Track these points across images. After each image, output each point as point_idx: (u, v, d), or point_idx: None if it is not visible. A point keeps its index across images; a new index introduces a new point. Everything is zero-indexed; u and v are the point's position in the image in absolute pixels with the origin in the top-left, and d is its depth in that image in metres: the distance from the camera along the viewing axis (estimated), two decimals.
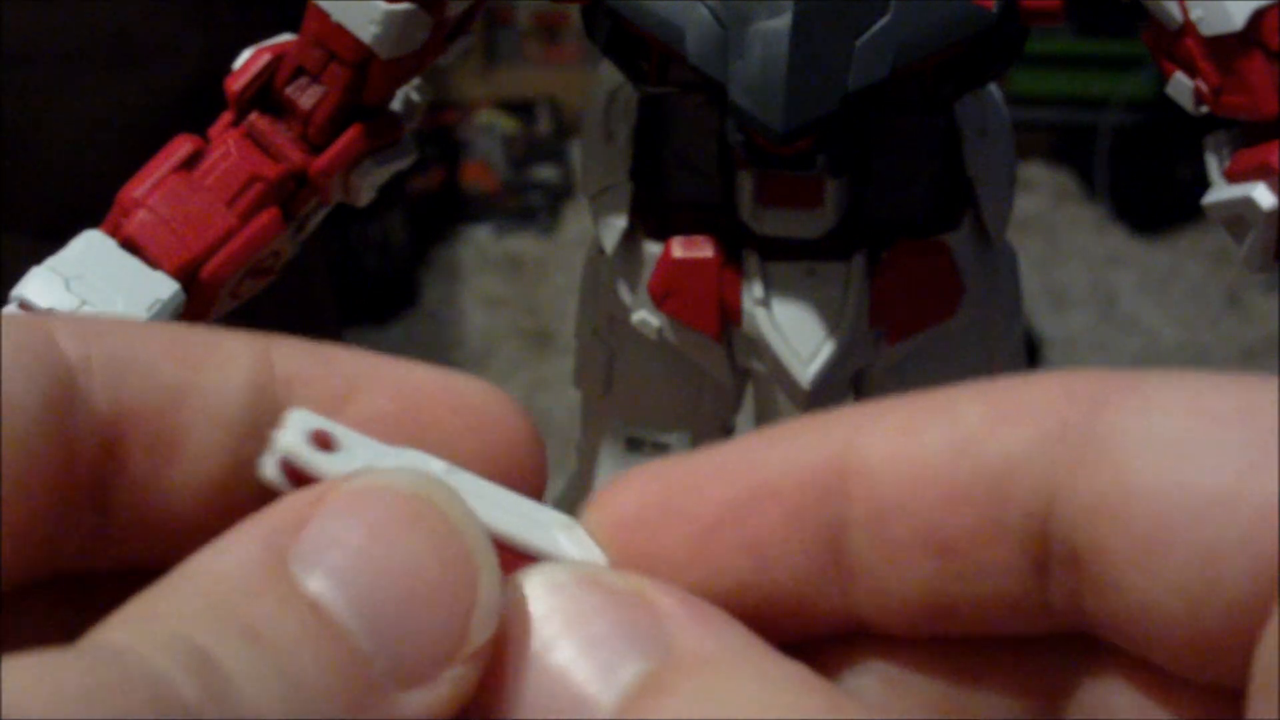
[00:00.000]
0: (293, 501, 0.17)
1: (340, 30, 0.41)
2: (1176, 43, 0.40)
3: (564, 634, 0.17)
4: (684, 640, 0.17)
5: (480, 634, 0.17)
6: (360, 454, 0.19)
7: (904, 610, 0.18)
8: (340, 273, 1.44)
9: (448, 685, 0.17)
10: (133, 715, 0.14)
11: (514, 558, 0.18)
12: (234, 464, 0.19)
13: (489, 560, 0.17)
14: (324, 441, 0.18)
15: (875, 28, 0.39)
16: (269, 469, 0.18)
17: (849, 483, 0.18)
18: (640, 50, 0.43)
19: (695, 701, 0.17)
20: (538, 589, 0.18)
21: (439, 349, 1.56)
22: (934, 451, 0.18)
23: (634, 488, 0.20)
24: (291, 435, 0.18)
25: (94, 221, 0.42)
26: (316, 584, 0.16)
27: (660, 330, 0.46)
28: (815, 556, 0.19)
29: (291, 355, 0.20)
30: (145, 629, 0.15)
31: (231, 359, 0.19)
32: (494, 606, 0.17)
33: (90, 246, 0.42)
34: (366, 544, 0.17)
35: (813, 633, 0.19)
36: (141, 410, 0.18)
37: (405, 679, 0.17)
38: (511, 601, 0.18)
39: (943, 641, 0.19)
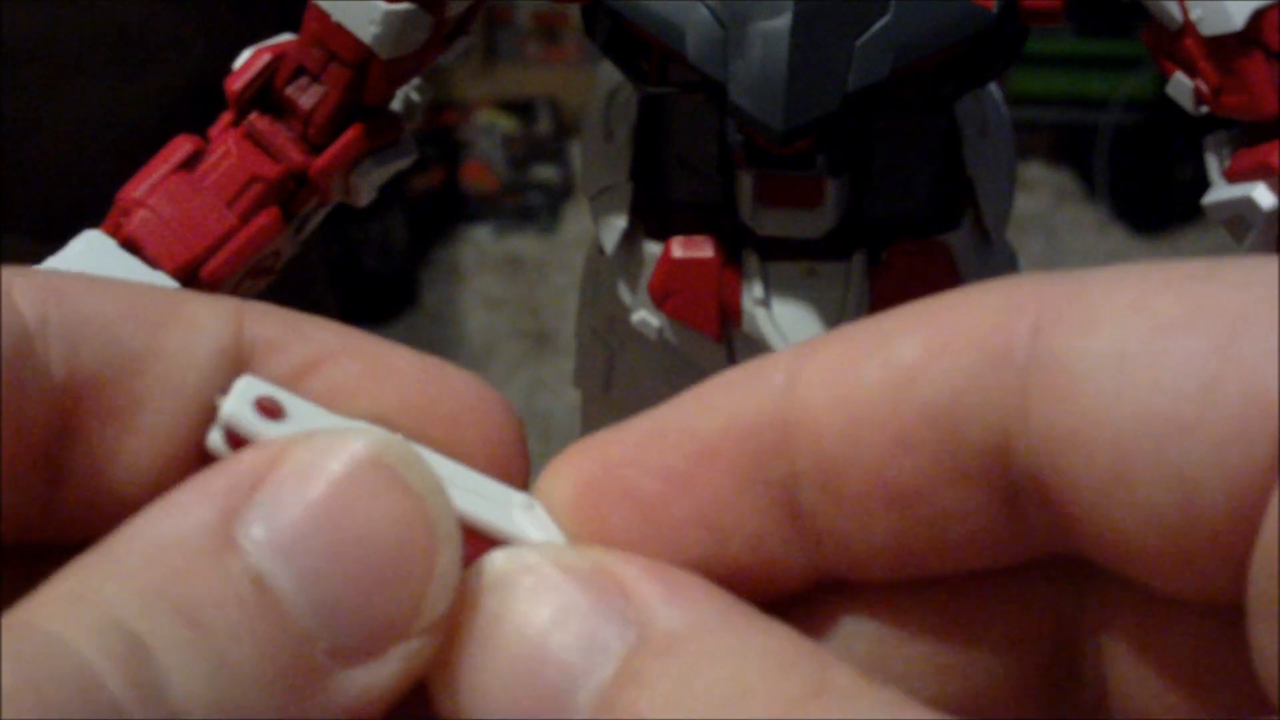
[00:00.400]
0: (245, 462, 0.16)
1: (340, 30, 0.41)
2: (1176, 43, 0.40)
3: (539, 621, 0.16)
4: (656, 618, 0.16)
5: (435, 607, 0.16)
6: (309, 425, 0.17)
7: (874, 561, 0.17)
8: (340, 273, 1.44)
9: (397, 661, 0.16)
10: (56, 715, 0.13)
11: (473, 538, 0.18)
12: (196, 436, 0.18)
13: (449, 529, 0.17)
14: (271, 410, 0.17)
15: (875, 28, 0.39)
16: (214, 439, 0.17)
17: (792, 435, 0.17)
18: (640, 50, 0.43)
19: (671, 693, 0.16)
20: (506, 571, 0.17)
21: (439, 349, 1.56)
22: (873, 393, 0.17)
23: (573, 467, 0.18)
24: (236, 402, 0.17)
25: (94, 221, 0.42)
26: (262, 557, 0.16)
27: (660, 330, 0.46)
28: (771, 518, 0.17)
29: (263, 321, 0.18)
30: (76, 611, 0.15)
31: (197, 323, 0.18)
32: (452, 579, 0.16)
33: (90, 246, 0.42)
34: (318, 512, 0.16)
35: (787, 592, 0.18)
36: (98, 376, 0.17)
37: (350, 656, 0.16)
38: (478, 585, 0.17)
39: (929, 583, 0.18)
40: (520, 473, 0.19)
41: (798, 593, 0.18)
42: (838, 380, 0.17)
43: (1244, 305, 0.15)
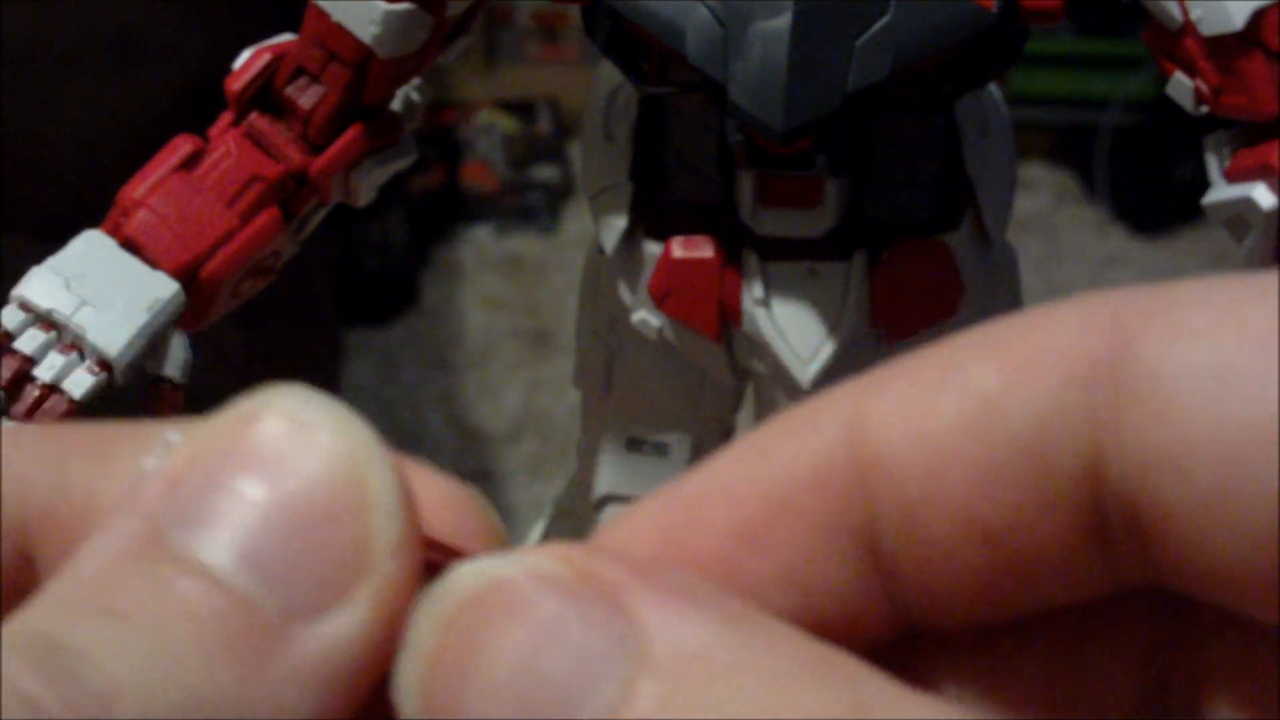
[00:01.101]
0: (163, 466, 0.16)
1: (340, 30, 0.41)
2: (1176, 43, 0.40)
3: (519, 635, 0.15)
4: (658, 635, 0.15)
5: (385, 536, 0.15)
6: None
7: (961, 604, 0.16)
8: (340, 273, 1.44)
9: (364, 603, 0.15)
10: None
11: (434, 548, 0.16)
12: None
13: (375, 456, 0.16)
14: None
15: (875, 28, 0.39)
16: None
17: (868, 477, 0.16)
18: (640, 50, 0.43)
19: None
20: (462, 594, 0.15)
21: (439, 349, 1.56)
22: (953, 426, 0.16)
23: (635, 529, 0.17)
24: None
25: (94, 221, 0.42)
26: (188, 541, 0.15)
27: (660, 330, 0.46)
28: (854, 568, 0.16)
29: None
30: (3, 635, 0.14)
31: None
32: (394, 502, 0.15)
33: (90, 246, 0.42)
34: (238, 481, 0.15)
35: (873, 645, 0.17)
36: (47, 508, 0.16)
37: (306, 610, 0.15)
38: (446, 606, 0.15)
39: (1018, 626, 0.17)
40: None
41: (884, 644, 0.17)
42: (912, 415, 0.16)
43: None
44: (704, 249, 0.45)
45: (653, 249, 0.45)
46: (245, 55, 0.44)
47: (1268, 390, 0.14)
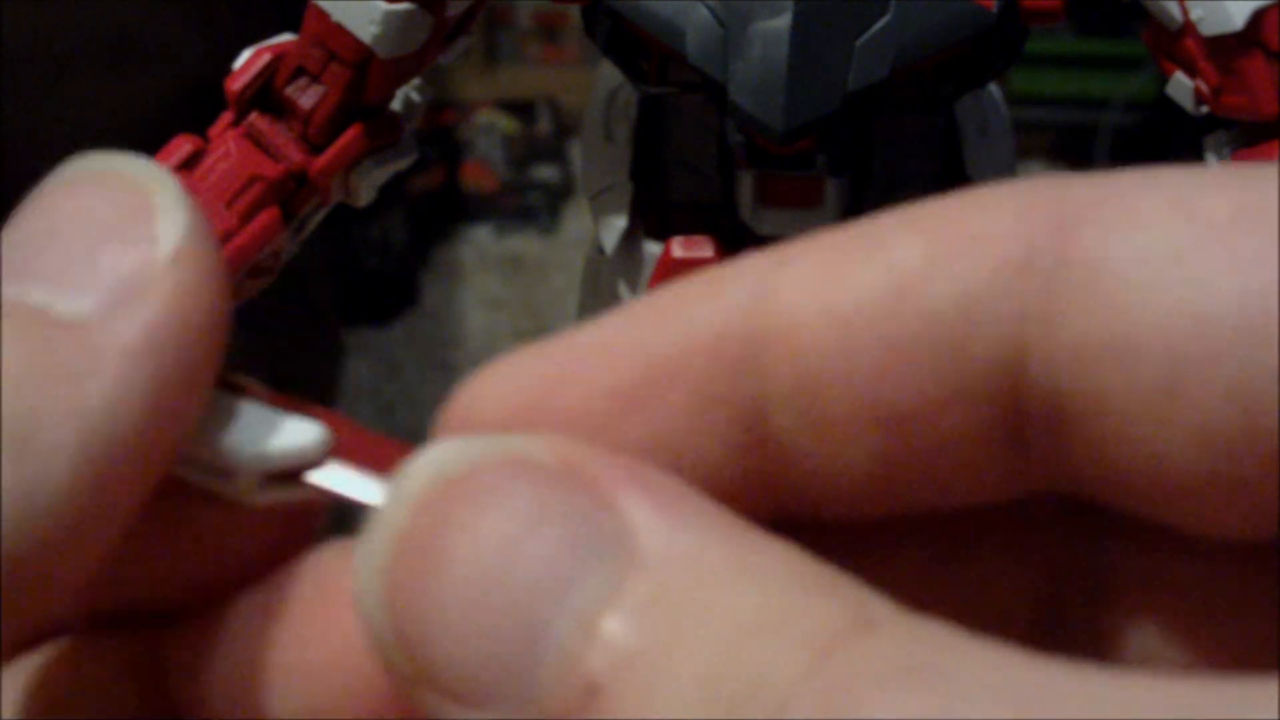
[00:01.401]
0: None
1: (340, 30, 0.41)
2: (1176, 43, 0.40)
3: (489, 533, 0.14)
4: (646, 534, 0.14)
5: (169, 236, 0.15)
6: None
7: (851, 494, 0.15)
8: (340, 273, 1.44)
9: (159, 299, 0.15)
10: None
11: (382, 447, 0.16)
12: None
13: (158, 171, 0.16)
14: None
15: (875, 28, 0.39)
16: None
17: (766, 349, 0.15)
18: (640, 50, 0.43)
19: (675, 623, 0.13)
20: (439, 474, 0.14)
21: (439, 349, 1.56)
22: (868, 301, 0.15)
23: (504, 384, 0.16)
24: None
25: None
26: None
27: None
28: (735, 444, 0.15)
29: None
30: None
31: None
32: (176, 207, 0.15)
33: None
34: (32, 219, 0.16)
35: None
36: None
37: (100, 311, 0.15)
38: (409, 493, 0.14)
39: (907, 521, 0.16)
40: None
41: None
42: (825, 287, 0.15)
43: None
44: (704, 249, 0.45)
45: (653, 249, 0.45)
46: (245, 55, 0.44)
47: (1221, 275, 0.13)
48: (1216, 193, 0.14)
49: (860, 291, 0.15)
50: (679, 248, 0.45)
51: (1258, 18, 0.38)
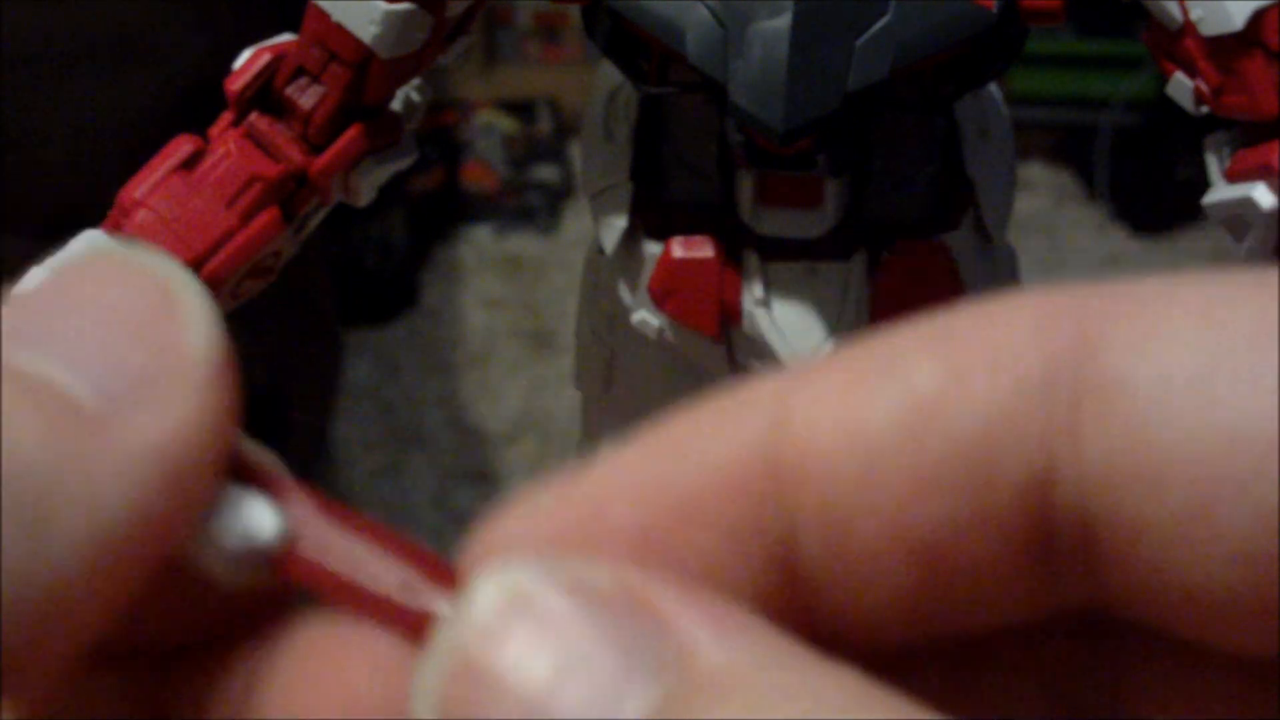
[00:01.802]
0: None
1: (340, 30, 0.41)
2: (1176, 43, 0.40)
3: (543, 660, 0.14)
4: (701, 652, 0.13)
5: (196, 344, 0.15)
6: None
7: (882, 621, 0.15)
8: (340, 273, 1.44)
9: (179, 404, 0.15)
10: None
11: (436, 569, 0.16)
12: None
13: (187, 280, 0.16)
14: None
15: (875, 28, 0.39)
16: None
17: (789, 480, 0.15)
18: (640, 50, 0.43)
19: None
20: (494, 599, 0.14)
21: (439, 349, 1.56)
22: (888, 427, 0.14)
23: (527, 525, 0.15)
24: None
25: (94, 221, 0.42)
26: (19, 354, 0.15)
27: (660, 330, 0.46)
28: (766, 579, 0.15)
29: None
30: None
31: None
32: (201, 317, 0.15)
33: (90, 246, 0.42)
34: (51, 294, 0.15)
35: None
36: None
37: (122, 404, 0.15)
38: (468, 615, 0.14)
39: (935, 646, 0.15)
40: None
41: None
42: (843, 413, 0.14)
43: None
44: (704, 249, 0.45)
45: (653, 249, 0.45)
46: (245, 55, 0.44)
47: (1249, 394, 0.13)
48: (1240, 306, 0.14)
49: (880, 416, 0.14)
50: (679, 248, 0.45)
51: (1258, 18, 0.38)
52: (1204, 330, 0.14)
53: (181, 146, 0.43)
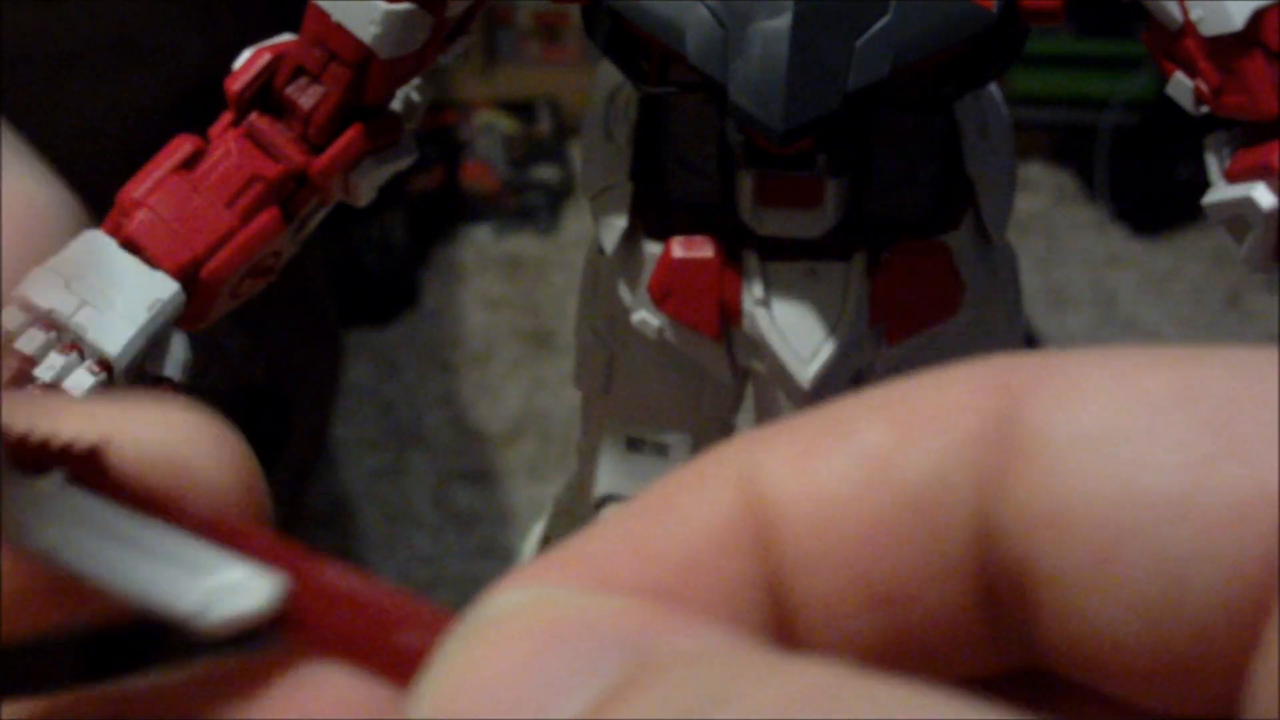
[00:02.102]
0: None
1: (340, 30, 0.41)
2: (1176, 43, 0.40)
3: (510, 653, 0.14)
4: (665, 640, 0.14)
5: None
6: None
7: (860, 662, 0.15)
8: (340, 273, 1.44)
9: None
10: None
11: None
12: None
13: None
14: None
15: (875, 28, 0.39)
16: None
17: (766, 534, 0.15)
18: (640, 50, 0.43)
19: (680, 691, 0.13)
20: (480, 614, 0.15)
21: (439, 349, 1.56)
22: (842, 482, 0.15)
23: (534, 614, 0.16)
24: None
25: (94, 221, 0.42)
26: None
27: (660, 330, 0.46)
28: (762, 618, 0.16)
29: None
30: None
31: None
32: None
33: (90, 246, 0.42)
34: None
35: None
36: None
37: None
38: (450, 639, 0.15)
39: None
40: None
41: None
42: (802, 472, 0.16)
43: (1238, 387, 0.14)
44: (704, 249, 0.45)
45: (653, 249, 0.45)
46: (245, 55, 0.44)
47: (1153, 451, 0.14)
48: (1157, 371, 0.14)
49: (836, 473, 0.15)
50: (679, 248, 0.45)
51: (1258, 18, 0.38)
52: (1118, 391, 0.14)
53: (181, 146, 0.43)
